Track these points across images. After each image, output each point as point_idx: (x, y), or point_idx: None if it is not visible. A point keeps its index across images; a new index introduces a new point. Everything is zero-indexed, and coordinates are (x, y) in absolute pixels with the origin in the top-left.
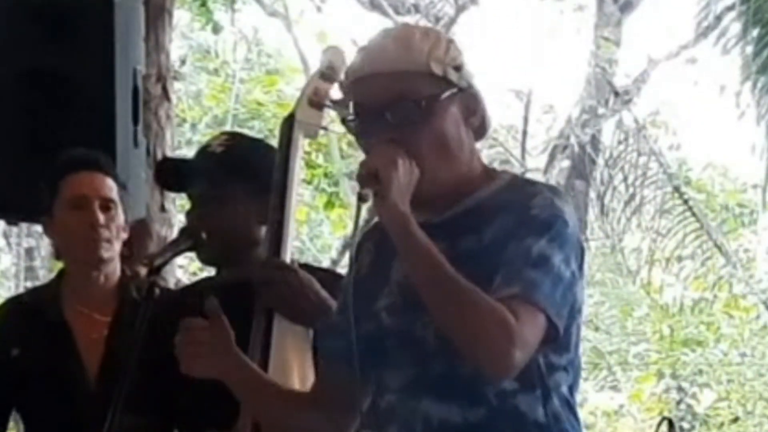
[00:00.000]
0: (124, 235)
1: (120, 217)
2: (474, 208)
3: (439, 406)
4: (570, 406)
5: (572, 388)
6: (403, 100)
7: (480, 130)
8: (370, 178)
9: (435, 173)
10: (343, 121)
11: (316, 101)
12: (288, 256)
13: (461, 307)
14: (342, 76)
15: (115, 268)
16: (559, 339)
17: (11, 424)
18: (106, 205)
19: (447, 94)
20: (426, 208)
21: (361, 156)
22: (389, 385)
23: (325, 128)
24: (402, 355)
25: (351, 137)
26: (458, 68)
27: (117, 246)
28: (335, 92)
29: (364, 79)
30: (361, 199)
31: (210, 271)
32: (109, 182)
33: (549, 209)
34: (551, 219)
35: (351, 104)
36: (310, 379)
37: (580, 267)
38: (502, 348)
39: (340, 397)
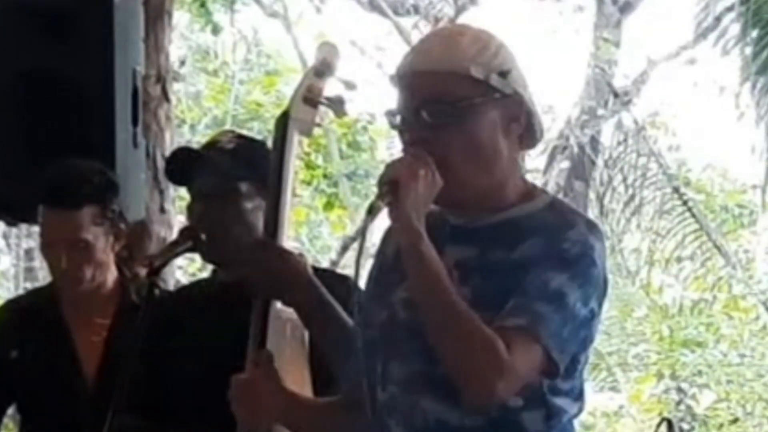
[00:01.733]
0: (117, 247)
1: (96, 252)
2: (510, 223)
3: (439, 405)
4: (572, 428)
5: (579, 411)
6: (439, 101)
7: (527, 138)
8: (389, 188)
9: (465, 177)
10: (387, 115)
11: (310, 98)
12: None
13: (454, 332)
14: (337, 73)
15: (107, 275)
16: (559, 375)
17: (11, 424)
18: (76, 245)
19: (485, 98)
20: (463, 211)
21: (360, 157)
22: (393, 377)
23: (319, 125)
24: (410, 349)
25: (350, 138)
26: (504, 74)
27: (98, 272)
28: (330, 89)
29: (405, 76)
30: (371, 212)
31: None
32: (80, 219)
33: (580, 246)
34: (579, 256)
35: (396, 100)
36: (305, 372)
37: (600, 304)
38: (487, 378)
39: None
